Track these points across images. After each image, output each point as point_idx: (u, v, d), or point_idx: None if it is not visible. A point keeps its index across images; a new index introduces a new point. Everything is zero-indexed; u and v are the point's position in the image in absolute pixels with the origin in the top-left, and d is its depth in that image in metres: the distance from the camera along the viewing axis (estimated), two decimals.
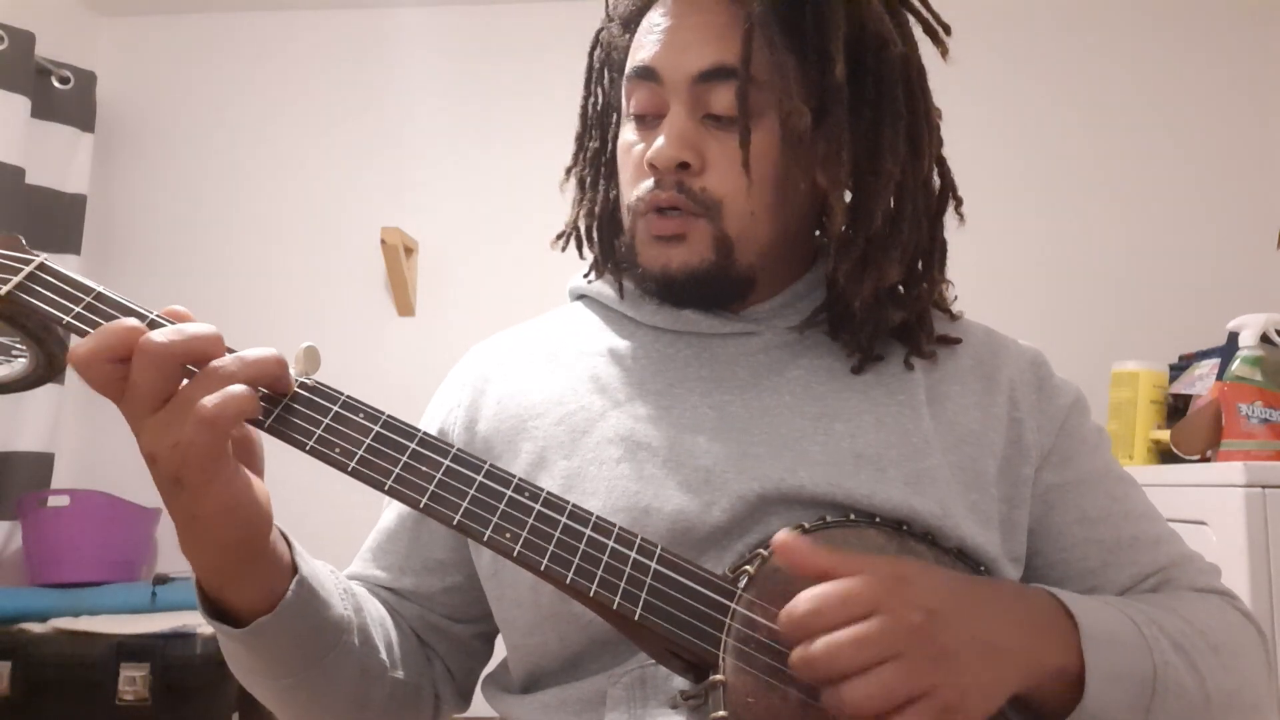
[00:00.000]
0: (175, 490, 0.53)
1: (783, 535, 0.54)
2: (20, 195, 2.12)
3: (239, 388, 0.52)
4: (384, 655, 0.69)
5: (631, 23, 0.77)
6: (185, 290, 2.39)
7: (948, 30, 0.75)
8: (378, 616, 0.72)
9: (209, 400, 0.51)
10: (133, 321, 0.53)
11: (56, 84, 2.28)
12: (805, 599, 0.51)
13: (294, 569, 0.60)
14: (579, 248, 0.84)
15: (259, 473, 0.58)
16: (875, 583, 0.52)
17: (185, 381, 0.52)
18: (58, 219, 2.27)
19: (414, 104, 2.43)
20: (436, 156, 2.41)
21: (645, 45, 0.72)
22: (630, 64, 0.73)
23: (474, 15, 2.43)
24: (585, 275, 0.85)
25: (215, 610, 0.60)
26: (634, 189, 0.73)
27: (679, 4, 0.72)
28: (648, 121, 0.73)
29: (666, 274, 0.72)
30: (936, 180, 0.75)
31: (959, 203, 0.77)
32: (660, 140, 0.70)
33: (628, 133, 0.75)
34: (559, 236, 0.85)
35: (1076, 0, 2.28)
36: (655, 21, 0.73)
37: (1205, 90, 2.23)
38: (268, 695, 0.66)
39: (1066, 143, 2.25)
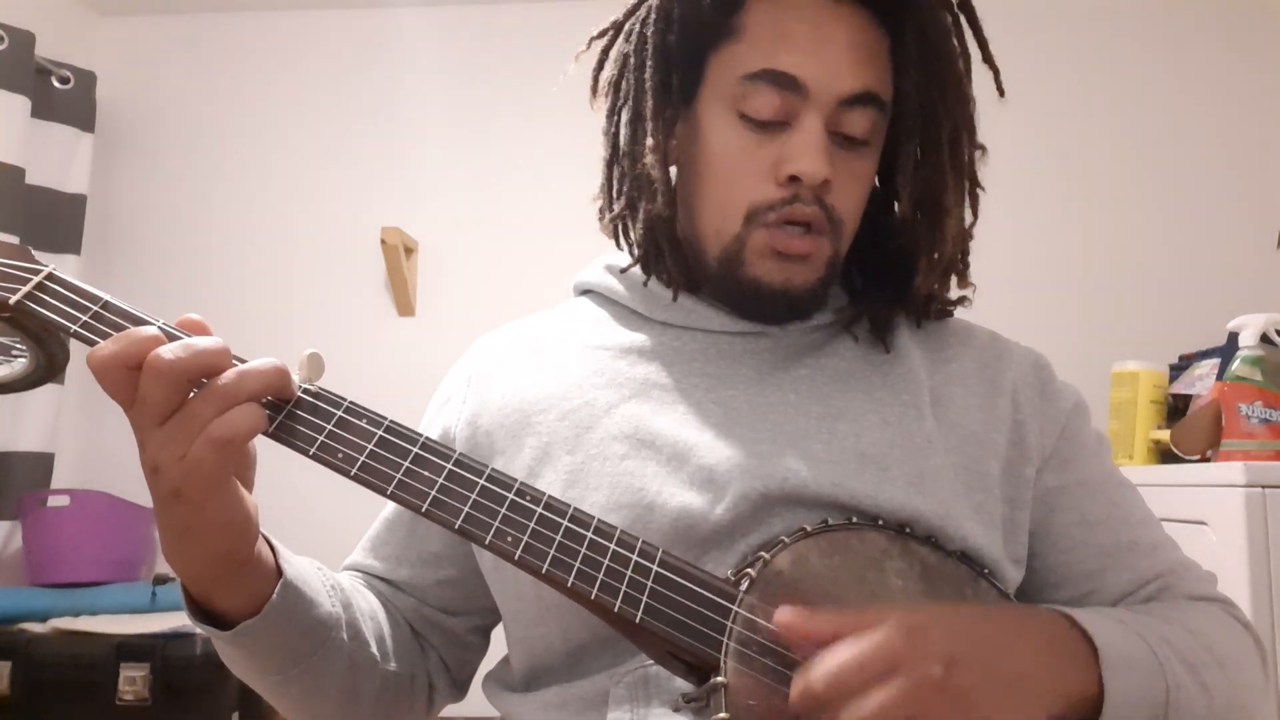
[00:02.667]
0: (173, 503, 0.53)
1: (783, 616, 0.54)
2: (20, 195, 2.12)
3: (248, 406, 0.53)
4: (374, 649, 0.70)
5: (731, 4, 0.71)
6: (185, 290, 2.39)
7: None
8: (368, 610, 0.72)
9: (219, 420, 0.51)
10: (152, 331, 0.53)
11: (56, 84, 2.27)
12: (821, 674, 0.50)
13: (279, 571, 0.61)
14: (624, 234, 0.80)
15: (250, 485, 0.58)
16: (891, 639, 0.51)
17: (193, 392, 0.53)
18: (57, 219, 2.27)
19: (414, 104, 2.43)
20: (436, 157, 2.41)
21: (779, 51, 0.68)
22: (761, 65, 0.69)
23: (474, 15, 2.43)
24: (623, 270, 0.79)
25: (202, 612, 0.60)
26: (754, 194, 0.70)
27: (819, 11, 0.69)
28: (769, 127, 0.70)
29: (789, 290, 0.71)
30: None
31: None
32: (807, 154, 0.68)
33: (729, 133, 0.71)
34: (612, 220, 0.79)
35: (1076, 2, 2.28)
36: (789, 26, 0.69)
37: (1205, 90, 2.23)
38: (260, 688, 0.67)
39: (1065, 142, 2.25)
